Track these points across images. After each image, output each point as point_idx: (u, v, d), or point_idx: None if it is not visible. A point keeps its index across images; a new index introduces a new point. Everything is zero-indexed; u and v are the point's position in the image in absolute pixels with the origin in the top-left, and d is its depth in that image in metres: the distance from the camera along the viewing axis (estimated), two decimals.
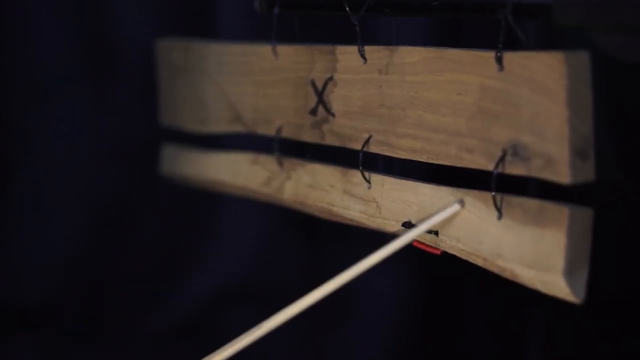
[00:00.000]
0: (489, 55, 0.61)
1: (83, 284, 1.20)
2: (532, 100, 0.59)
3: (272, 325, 0.67)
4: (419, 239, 0.68)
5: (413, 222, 0.69)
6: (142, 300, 1.20)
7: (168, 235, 1.22)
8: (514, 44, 0.61)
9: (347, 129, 0.75)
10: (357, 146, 0.73)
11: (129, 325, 1.19)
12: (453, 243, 0.66)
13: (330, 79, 0.75)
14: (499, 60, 0.61)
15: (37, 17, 1.14)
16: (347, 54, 0.74)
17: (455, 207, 0.66)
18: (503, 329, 1.17)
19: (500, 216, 0.62)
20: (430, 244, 0.68)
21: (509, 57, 0.60)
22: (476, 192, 0.64)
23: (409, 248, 0.69)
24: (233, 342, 0.67)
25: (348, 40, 0.73)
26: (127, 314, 1.20)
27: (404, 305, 1.18)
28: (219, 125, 0.89)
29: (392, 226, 0.71)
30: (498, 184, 0.62)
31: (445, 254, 0.67)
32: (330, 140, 0.76)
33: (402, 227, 0.70)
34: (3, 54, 1.15)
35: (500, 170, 0.61)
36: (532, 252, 0.60)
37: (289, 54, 0.80)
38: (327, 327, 1.19)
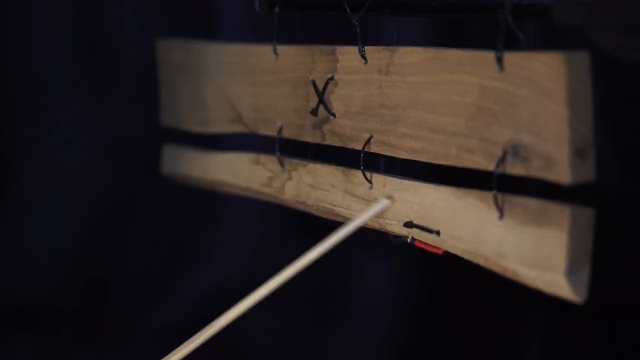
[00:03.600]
0: (489, 56, 0.61)
1: (83, 283, 1.20)
2: (531, 100, 0.59)
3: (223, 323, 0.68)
4: (422, 239, 0.68)
5: (415, 222, 0.69)
6: (142, 299, 1.21)
7: (168, 235, 1.22)
8: (514, 44, 0.61)
9: (347, 129, 0.75)
10: (358, 146, 0.73)
11: (129, 325, 1.19)
12: (455, 243, 0.66)
13: (331, 79, 0.75)
14: (499, 60, 0.61)
15: (37, 18, 1.14)
16: (347, 54, 0.74)
17: (385, 202, 0.67)
18: (504, 328, 1.17)
19: (501, 216, 0.62)
20: (432, 244, 0.68)
21: (508, 57, 0.60)
22: (477, 192, 0.64)
23: (411, 248, 0.69)
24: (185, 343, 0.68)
25: (348, 41, 0.74)
26: (127, 313, 1.20)
27: (406, 305, 1.18)
28: (220, 125, 0.89)
29: (394, 226, 0.71)
30: (499, 183, 0.62)
31: (447, 253, 0.67)
32: (331, 141, 0.76)
33: (404, 227, 0.70)
34: (3, 54, 1.16)
35: (500, 170, 0.61)
36: (534, 251, 0.60)
37: (290, 54, 0.80)
38: (328, 326, 1.19)
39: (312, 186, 0.79)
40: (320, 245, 0.67)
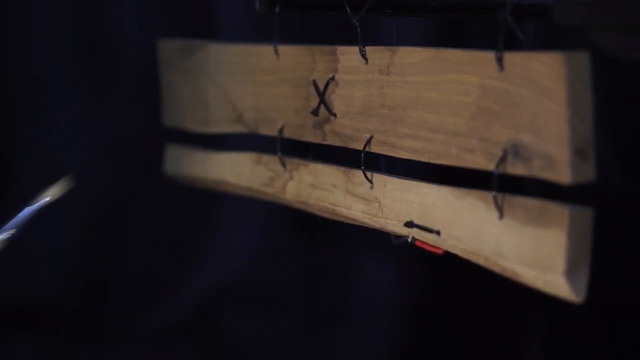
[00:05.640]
0: (489, 56, 0.61)
1: (83, 283, 1.20)
2: (532, 100, 0.59)
3: None
4: (422, 239, 0.68)
5: (415, 221, 0.69)
6: (142, 299, 1.21)
7: (168, 235, 1.22)
8: (514, 44, 0.61)
9: (348, 129, 0.75)
10: (359, 146, 0.73)
11: (129, 325, 1.19)
12: (455, 243, 0.66)
13: (332, 79, 0.76)
14: (499, 60, 0.61)
15: (37, 18, 1.14)
16: (348, 54, 0.74)
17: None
18: (504, 328, 1.17)
19: (501, 216, 0.62)
20: (432, 244, 0.68)
21: (509, 57, 0.60)
22: (477, 192, 0.64)
23: (412, 248, 0.70)
24: None
25: (349, 41, 0.74)
26: (127, 313, 1.20)
27: (406, 305, 1.18)
28: (221, 125, 0.89)
29: (394, 226, 0.71)
30: (499, 183, 0.62)
31: (447, 253, 0.67)
32: (332, 141, 0.76)
33: (405, 227, 0.70)
34: (3, 54, 1.16)
35: (500, 170, 0.61)
36: (533, 251, 0.60)
37: (290, 54, 0.80)
38: (328, 327, 1.19)
39: (313, 186, 0.79)
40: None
